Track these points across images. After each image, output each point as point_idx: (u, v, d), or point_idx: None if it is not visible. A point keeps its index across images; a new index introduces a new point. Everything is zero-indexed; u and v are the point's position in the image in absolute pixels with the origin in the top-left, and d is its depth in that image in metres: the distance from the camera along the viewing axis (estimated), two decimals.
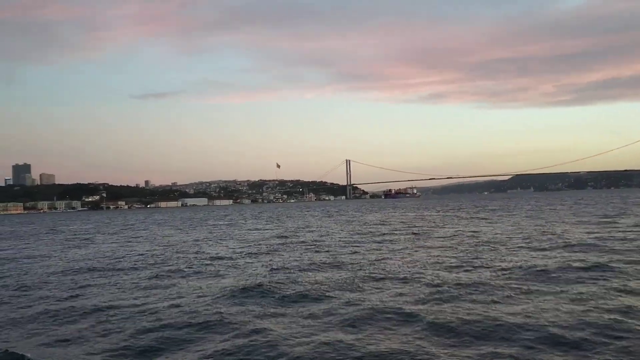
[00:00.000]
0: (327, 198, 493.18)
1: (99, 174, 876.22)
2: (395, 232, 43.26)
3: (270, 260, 26.96)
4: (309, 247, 33.59)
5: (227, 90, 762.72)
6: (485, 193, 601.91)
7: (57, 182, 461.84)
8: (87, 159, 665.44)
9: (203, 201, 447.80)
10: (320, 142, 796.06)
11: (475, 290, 16.60)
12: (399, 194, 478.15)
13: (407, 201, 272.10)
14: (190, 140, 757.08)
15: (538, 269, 20.08)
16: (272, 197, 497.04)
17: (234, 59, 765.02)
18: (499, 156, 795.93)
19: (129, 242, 46.09)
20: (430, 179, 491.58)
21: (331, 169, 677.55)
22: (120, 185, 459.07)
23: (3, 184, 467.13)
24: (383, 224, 56.26)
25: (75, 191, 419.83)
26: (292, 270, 22.70)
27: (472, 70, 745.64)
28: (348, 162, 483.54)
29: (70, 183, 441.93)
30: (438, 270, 21.16)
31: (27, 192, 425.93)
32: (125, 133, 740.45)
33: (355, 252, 28.83)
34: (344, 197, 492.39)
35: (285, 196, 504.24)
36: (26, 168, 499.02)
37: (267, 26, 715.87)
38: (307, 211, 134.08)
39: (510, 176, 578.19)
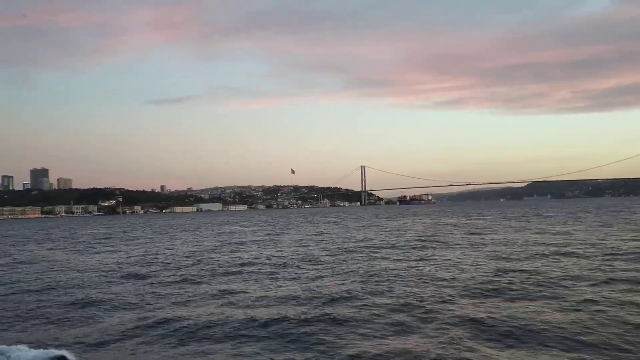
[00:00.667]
0: (341, 204, 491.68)
1: (115, 178, 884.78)
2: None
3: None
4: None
5: (243, 96, 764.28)
6: (502, 200, 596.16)
7: (74, 187, 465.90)
8: (103, 163, 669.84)
9: (218, 206, 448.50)
10: (334, 148, 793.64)
11: None
12: (414, 200, 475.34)
13: (425, 207, 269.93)
14: (205, 146, 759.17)
15: None
16: (286, 203, 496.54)
17: (249, 64, 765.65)
18: (515, 163, 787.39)
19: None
20: (446, 186, 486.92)
21: (346, 175, 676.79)
22: (136, 190, 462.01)
23: (21, 189, 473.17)
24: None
25: (92, 196, 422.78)
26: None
27: (487, 76, 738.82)
28: (363, 168, 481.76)
29: (87, 188, 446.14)
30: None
31: (45, 196, 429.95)
32: (141, 138, 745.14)
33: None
34: (358, 203, 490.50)
35: (299, 202, 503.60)
36: (44, 173, 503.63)
37: (282, 32, 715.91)
38: (331, 218, 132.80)
39: (526, 183, 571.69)
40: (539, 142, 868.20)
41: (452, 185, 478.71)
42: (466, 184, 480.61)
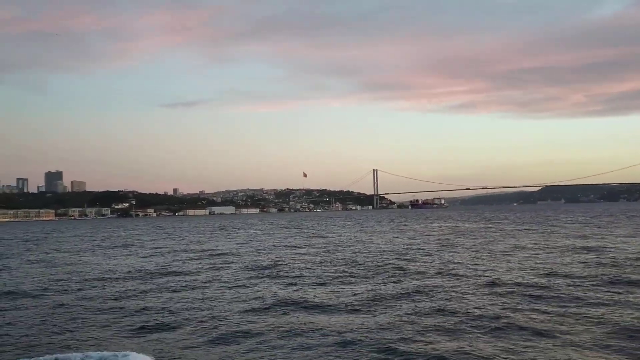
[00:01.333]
0: (354, 208, 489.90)
1: (127, 181, 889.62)
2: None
3: None
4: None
5: (254, 100, 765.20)
6: (515, 204, 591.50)
7: (87, 190, 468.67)
8: (116, 166, 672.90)
9: (230, 209, 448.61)
10: (346, 152, 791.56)
11: None
12: (426, 204, 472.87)
13: (440, 211, 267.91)
14: (217, 149, 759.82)
15: None
16: (298, 206, 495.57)
17: (261, 68, 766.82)
18: (528, 167, 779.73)
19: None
20: (459, 189, 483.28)
21: (358, 179, 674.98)
22: (149, 193, 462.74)
23: (36, 191, 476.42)
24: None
25: (105, 198, 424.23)
26: None
27: (499, 79, 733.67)
28: (375, 171, 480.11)
29: (100, 190, 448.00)
30: None
31: (59, 199, 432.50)
32: (153, 141, 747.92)
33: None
34: (370, 207, 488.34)
35: (311, 205, 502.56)
36: (58, 175, 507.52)
37: (293, 35, 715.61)
38: (351, 222, 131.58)
39: (540, 187, 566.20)
40: (553, 146, 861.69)
41: (468, 189, 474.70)
42: (483, 188, 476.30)
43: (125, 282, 25.67)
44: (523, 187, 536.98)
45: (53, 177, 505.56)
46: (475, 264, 28.65)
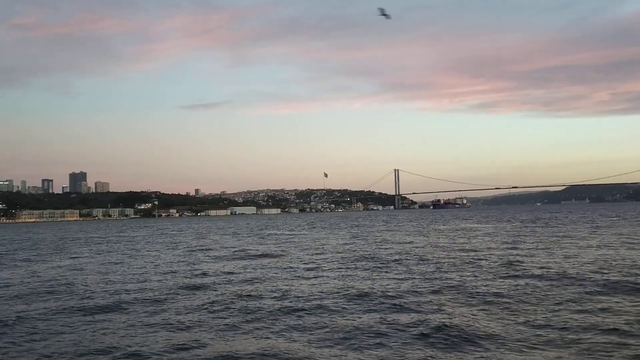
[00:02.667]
0: (375, 208, 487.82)
1: (150, 182, 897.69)
2: None
3: None
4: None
5: (275, 101, 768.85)
6: (538, 204, 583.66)
7: (111, 190, 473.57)
8: (139, 167, 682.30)
9: (252, 210, 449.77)
10: (367, 152, 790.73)
11: None
12: (448, 204, 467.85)
13: (464, 211, 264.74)
14: (238, 150, 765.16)
15: None
16: (319, 207, 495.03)
17: (282, 69, 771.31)
18: (552, 166, 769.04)
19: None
20: (482, 189, 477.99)
21: (379, 179, 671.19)
22: (171, 194, 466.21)
23: (60, 192, 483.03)
24: None
25: (128, 199, 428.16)
26: None
27: (522, 78, 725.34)
28: (397, 171, 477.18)
29: (123, 191, 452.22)
30: None
31: (83, 199, 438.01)
32: (176, 142, 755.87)
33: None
34: (392, 207, 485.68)
35: (332, 205, 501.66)
36: (82, 176, 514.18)
37: (314, 37, 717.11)
38: (379, 223, 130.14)
39: (564, 187, 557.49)
40: (577, 145, 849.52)
41: (497, 188, 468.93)
42: (506, 187, 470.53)
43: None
44: (547, 186, 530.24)
45: (77, 178, 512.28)
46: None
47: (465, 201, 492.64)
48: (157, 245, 57.05)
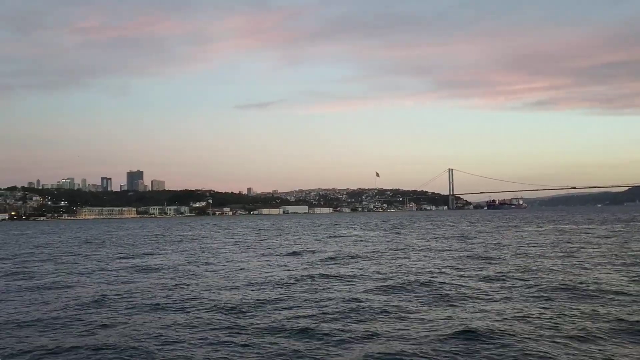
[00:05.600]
0: (428, 208, 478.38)
1: (204, 180, 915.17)
2: None
3: None
4: None
5: (327, 100, 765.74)
6: (599, 205, 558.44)
7: (166, 189, 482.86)
8: (193, 166, 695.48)
9: (304, 209, 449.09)
10: (420, 151, 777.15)
11: None
12: (504, 204, 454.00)
13: (523, 212, 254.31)
14: (290, 149, 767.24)
15: None
16: (371, 206, 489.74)
17: (334, 68, 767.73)
18: (614, 166, 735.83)
19: None
20: (538, 189, 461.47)
21: (432, 178, 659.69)
22: (225, 192, 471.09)
23: (118, 190, 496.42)
24: None
25: (183, 197, 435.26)
26: None
27: (581, 75, 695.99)
28: (451, 171, 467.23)
29: (179, 189, 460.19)
30: None
31: (140, 197, 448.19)
32: (229, 142, 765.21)
33: None
34: (445, 207, 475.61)
35: (385, 205, 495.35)
36: (139, 175, 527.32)
37: (367, 35, 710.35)
38: (450, 224, 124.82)
39: (627, 187, 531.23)
40: None
41: (555, 189, 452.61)
42: (565, 188, 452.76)
43: None
44: (608, 187, 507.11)
45: (134, 176, 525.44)
46: None
47: (521, 202, 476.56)
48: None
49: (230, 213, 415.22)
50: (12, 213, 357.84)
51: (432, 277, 24.92)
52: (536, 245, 43.70)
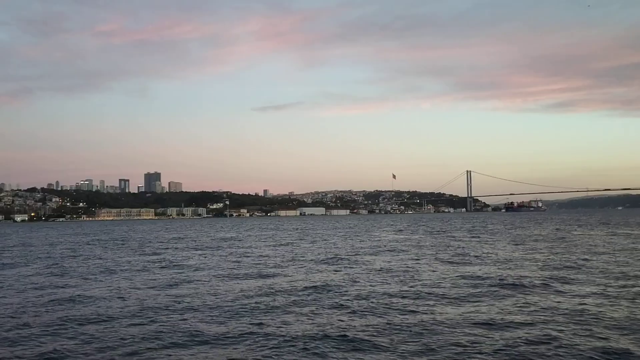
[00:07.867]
0: (446, 210, 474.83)
1: (221, 182, 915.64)
2: None
3: None
4: None
5: (344, 102, 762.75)
6: (620, 208, 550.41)
7: (183, 190, 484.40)
8: (211, 168, 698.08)
9: (321, 211, 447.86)
10: (437, 153, 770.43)
11: None
12: (522, 207, 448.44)
13: (544, 215, 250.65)
14: (307, 151, 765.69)
15: None
16: (388, 208, 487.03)
17: (351, 70, 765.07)
18: (633, 168, 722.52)
19: None
20: (558, 192, 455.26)
21: (450, 180, 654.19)
22: (242, 194, 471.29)
23: (136, 191, 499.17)
24: None
25: (201, 199, 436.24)
26: None
27: (601, 76, 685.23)
28: (469, 173, 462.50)
29: (196, 191, 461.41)
30: None
31: (158, 198, 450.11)
32: (246, 143, 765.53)
33: None
34: (463, 209, 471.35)
35: (402, 207, 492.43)
36: (156, 176, 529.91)
37: (385, 37, 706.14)
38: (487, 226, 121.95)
39: None
40: None
41: (574, 191, 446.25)
42: (589, 190, 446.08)
43: None
44: (629, 189, 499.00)
45: (152, 178, 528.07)
46: None
47: (540, 204, 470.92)
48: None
49: (248, 215, 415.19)
50: (32, 214, 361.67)
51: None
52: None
